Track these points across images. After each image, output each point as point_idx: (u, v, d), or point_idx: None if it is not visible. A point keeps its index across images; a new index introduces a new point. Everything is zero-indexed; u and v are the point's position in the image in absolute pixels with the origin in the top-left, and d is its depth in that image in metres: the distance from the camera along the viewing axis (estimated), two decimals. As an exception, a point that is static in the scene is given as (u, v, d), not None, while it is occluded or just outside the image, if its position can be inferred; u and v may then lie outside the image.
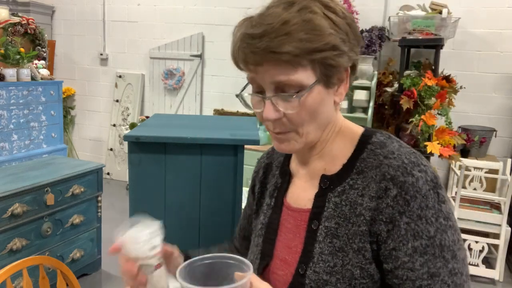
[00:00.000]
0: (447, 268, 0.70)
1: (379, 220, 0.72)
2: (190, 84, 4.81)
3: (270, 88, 0.73)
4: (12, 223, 2.35)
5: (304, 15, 0.69)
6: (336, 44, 0.71)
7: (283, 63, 0.70)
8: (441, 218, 0.70)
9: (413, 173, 0.71)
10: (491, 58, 3.71)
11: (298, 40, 0.68)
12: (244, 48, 0.72)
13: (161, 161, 1.37)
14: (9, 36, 3.92)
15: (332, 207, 0.78)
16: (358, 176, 0.76)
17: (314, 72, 0.72)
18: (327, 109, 0.77)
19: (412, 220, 0.70)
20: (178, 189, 1.38)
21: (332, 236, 0.76)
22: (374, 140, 0.78)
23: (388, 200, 0.71)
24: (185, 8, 4.76)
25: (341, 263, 0.74)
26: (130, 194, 1.40)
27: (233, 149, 1.36)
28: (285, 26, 0.68)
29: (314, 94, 0.73)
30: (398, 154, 0.74)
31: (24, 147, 3.93)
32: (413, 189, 0.70)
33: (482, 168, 3.40)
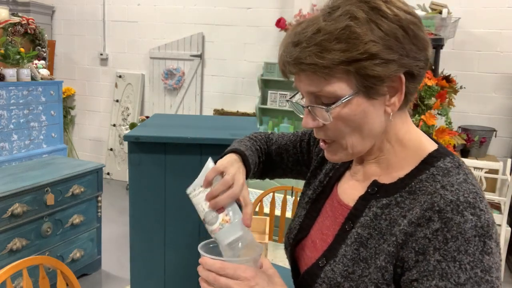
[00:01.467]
0: None
1: (411, 247, 0.67)
2: (190, 84, 4.81)
3: (307, 97, 0.72)
4: (12, 223, 2.35)
5: (341, 23, 0.65)
6: (376, 53, 0.65)
7: (312, 74, 0.68)
8: (478, 269, 0.63)
9: (464, 213, 0.64)
10: (491, 58, 3.71)
11: (329, 51, 0.65)
12: (282, 56, 0.71)
13: (161, 161, 1.37)
14: (9, 36, 3.92)
15: (371, 217, 0.75)
16: (408, 195, 0.72)
17: (350, 83, 0.67)
18: (374, 120, 0.71)
19: (444, 259, 0.64)
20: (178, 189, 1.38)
21: (360, 244, 0.74)
22: (441, 165, 0.72)
23: (427, 232, 0.66)
24: (185, 8, 4.76)
25: (360, 272, 0.72)
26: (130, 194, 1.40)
27: (233, 149, 1.36)
28: (316, 36, 0.66)
29: (353, 106, 0.69)
30: (457, 188, 0.67)
31: (24, 147, 3.93)
32: (457, 229, 0.64)
33: (482, 168, 3.40)
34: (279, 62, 0.74)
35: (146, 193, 1.39)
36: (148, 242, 1.42)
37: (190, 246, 1.40)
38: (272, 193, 2.43)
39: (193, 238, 1.40)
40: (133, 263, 1.44)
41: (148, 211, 1.39)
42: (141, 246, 1.42)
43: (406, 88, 0.70)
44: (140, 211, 1.39)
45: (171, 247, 1.42)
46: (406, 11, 0.68)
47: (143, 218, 1.40)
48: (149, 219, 1.40)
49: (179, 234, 1.41)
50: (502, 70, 3.69)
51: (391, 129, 0.75)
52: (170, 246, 1.42)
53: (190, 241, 1.40)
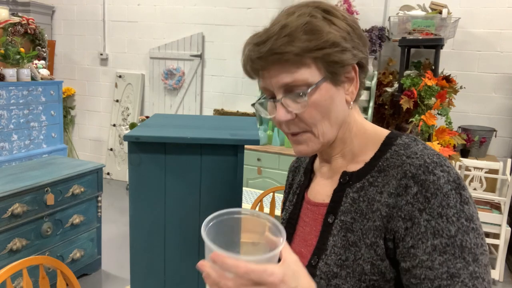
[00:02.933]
0: (467, 270, 0.67)
1: (397, 216, 0.71)
2: (190, 84, 4.81)
3: (279, 91, 0.76)
4: (12, 223, 2.35)
5: (302, 19, 0.73)
6: (336, 41, 0.73)
7: (286, 63, 0.73)
8: (462, 218, 0.69)
9: (435, 172, 0.71)
10: (491, 58, 3.71)
11: (298, 40, 0.72)
12: (251, 55, 0.76)
13: (161, 161, 1.37)
14: (9, 36, 3.92)
15: (350, 202, 0.79)
16: (379, 174, 0.78)
17: (318, 70, 0.74)
18: (339, 107, 0.78)
19: (432, 217, 0.69)
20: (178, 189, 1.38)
21: (346, 230, 0.77)
22: (399, 141, 0.80)
23: (408, 198, 0.71)
24: (185, 8, 4.76)
25: (353, 257, 0.75)
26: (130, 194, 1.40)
27: (233, 149, 1.36)
28: (285, 29, 0.72)
29: (323, 92, 0.75)
30: (421, 155, 0.74)
31: (24, 147, 3.93)
32: (434, 186, 0.69)
33: (482, 168, 3.40)
34: (245, 65, 0.79)
35: (146, 193, 1.38)
36: (148, 242, 1.42)
37: (190, 246, 1.40)
38: (272, 193, 2.43)
39: (193, 238, 1.40)
40: (133, 263, 1.44)
41: (148, 211, 1.39)
42: (141, 246, 1.42)
43: (359, 78, 0.79)
44: (140, 211, 1.39)
45: (171, 247, 1.42)
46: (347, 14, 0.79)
47: (143, 218, 1.40)
48: (149, 219, 1.40)
49: (179, 234, 1.41)
50: (502, 70, 3.69)
51: (351, 119, 0.82)
52: (170, 246, 1.42)
53: (190, 241, 1.40)
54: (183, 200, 1.39)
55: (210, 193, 1.38)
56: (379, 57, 4.00)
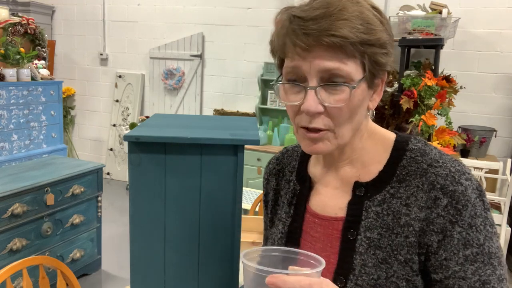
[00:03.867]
0: (495, 275, 0.69)
1: (430, 231, 0.70)
2: (190, 84, 4.81)
3: (315, 77, 0.68)
4: (12, 223, 2.35)
5: (359, 7, 0.68)
6: (385, 42, 0.70)
7: (337, 48, 0.66)
8: (487, 225, 0.70)
9: (461, 181, 0.70)
10: (491, 58, 3.71)
11: (355, 28, 0.66)
12: (295, 29, 0.67)
13: (161, 161, 1.37)
14: (9, 36, 3.92)
15: (373, 217, 0.74)
16: (399, 184, 0.74)
17: (362, 67, 0.69)
18: (362, 112, 0.74)
19: (464, 229, 0.69)
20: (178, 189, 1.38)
21: (375, 247, 0.73)
22: (412, 147, 0.76)
23: (439, 210, 0.70)
24: (185, 8, 4.76)
25: (385, 275, 0.72)
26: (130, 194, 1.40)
27: (233, 149, 1.36)
28: (344, 12, 0.66)
29: (359, 91, 0.69)
30: (443, 163, 0.72)
31: (24, 147, 3.93)
32: (463, 198, 0.69)
33: (482, 168, 3.40)
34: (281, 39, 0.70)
35: (146, 193, 1.39)
36: (148, 242, 1.42)
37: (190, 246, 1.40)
38: (272, 193, 2.42)
39: (193, 238, 1.40)
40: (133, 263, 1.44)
41: (148, 211, 1.39)
42: (141, 246, 1.42)
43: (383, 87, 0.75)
44: (140, 211, 1.39)
45: (171, 247, 1.42)
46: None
47: (143, 218, 1.40)
48: (149, 219, 1.40)
49: (179, 234, 1.41)
50: (502, 70, 3.69)
51: (366, 124, 0.78)
52: (170, 246, 1.42)
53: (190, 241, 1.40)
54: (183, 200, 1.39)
55: (210, 193, 1.38)
56: (379, 57, 3.99)
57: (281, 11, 0.72)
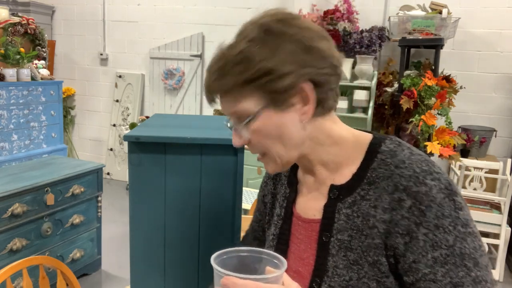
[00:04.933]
0: (470, 277, 0.67)
1: (395, 232, 0.70)
2: (190, 84, 4.81)
3: (231, 118, 0.78)
4: (12, 223, 2.35)
5: (238, 48, 0.72)
6: (271, 68, 0.70)
7: (226, 95, 0.75)
8: (459, 226, 0.68)
9: (426, 182, 0.69)
10: (491, 58, 3.71)
11: (230, 74, 0.72)
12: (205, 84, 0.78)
13: (161, 161, 1.37)
14: (9, 36, 3.92)
15: (344, 219, 0.76)
16: (369, 186, 0.75)
17: (259, 98, 0.73)
18: (291, 130, 0.75)
19: (429, 230, 0.68)
20: (178, 189, 1.38)
21: (346, 249, 0.75)
22: (384, 148, 0.76)
23: (403, 212, 0.70)
24: (185, 8, 4.76)
25: (356, 276, 0.73)
26: (130, 194, 1.40)
27: (233, 149, 1.36)
28: (219, 62, 0.74)
29: (264, 120, 0.74)
30: (409, 163, 0.72)
31: (24, 147, 3.93)
32: (427, 198, 0.68)
33: (482, 168, 3.40)
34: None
35: (146, 193, 1.39)
36: (148, 242, 1.42)
37: (190, 246, 1.40)
38: (272, 193, 2.42)
39: (193, 238, 1.40)
40: (133, 263, 1.44)
41: (148, 211, 1.39)
42: (141, 246, 1.42)
43: (317, 95, 0.74)
44: (140, 211, 1.39)
45: (171, 247, 1.42)
46: (301, 27, 0.74)
47: (143, 218, 1.40)
48: (149, 219, 1.40)
49: (179, 234, 1.41)
50: (502, 70, 3.69)
51: (323, 133, 0.78)
52: (170, 246, 1.42)
53: (190, 241, 1.40)
54: (183, 200, 1.39)
55: (210, 193, 1.38)
56: (379, 57, 4.00)
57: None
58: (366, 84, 3.76)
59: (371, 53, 3.78)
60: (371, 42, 3.76)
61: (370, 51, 3.77)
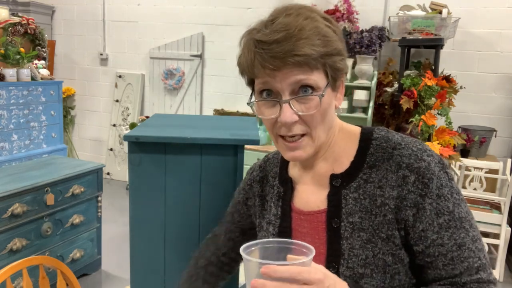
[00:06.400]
0: (469, 237, 0.76)
1: (403, 206, 0.77)
2: (190, 84, 4.81)
3: (287, 90, 0.76)
4: (12, 223, 2.35)
5: (314, 23, 0.75)
6: (341, 50, 0.78)
7: (302, 65, 0.74)
8: (454, 193, 0.78)
9: (424, 158, 0.77)
10: (491, 58, 3.71)
11: (315, 45, 0.74)
12: (261, 53, 0.74)
13: (161, 161, 1.37)
14: (9, 36, 3.92)
15: (352, 203, 0.81)
16: (370, 170, 0.81)
17: (325, 74, 0.77)
18: (332, 112, 0.81)
19: (433, 200, 0.76)
20: (178, 189, 1.38)
21: (358, 230, 0.80)
22: (376, 135, 0.83)
23: (409, 187, 0.77)
24: (185, 8, 4.76)
25: (372, 254, 0.78)
26: (130, 194, 1.40)
27: (233, 149, 1.36)
28: (303, 32, 0.73)
29: (326, 96, 0.78)
30: (405, 144, 0.80)
31: (24, 147, 3.93)
32: (428, 172, 0.76)
33: (482, 168, 3.40)
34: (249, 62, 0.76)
35: (146, 193, 1.39)
36: (148, 242, 1.42)
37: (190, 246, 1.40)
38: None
39: (193, 238, 1.40)
40: (133, 263, 1.44)
41: (148, 211, 1.39)
42: (141, 246, 1.43)
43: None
44: (140, 211, 1.39)
45: (171, 247, 1.42)
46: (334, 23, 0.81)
47: (143, 218, 1.40)
48: (149, 219, 1.40)
49: (179, 234, 1.41)
50: (502, 70, 3.69)
51: (336, 121, 0.86)
52: (170, 246, 1.42)
53: (190, 241, 1.40)
54: (183, 200, 1.39)
55: (210, 193, 1.38)
56: (379, 57, 4.00)
57: (244, 35, 0.80)
58: (366, 84, 3.76)
59: (371, 53, 3.78)
60: (371, 42, 3.76)
61: (370, 51, 3.77)
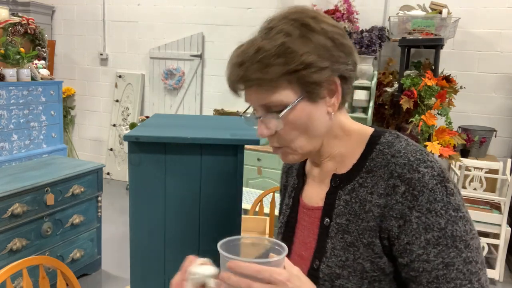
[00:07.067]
0: (461, 258, 0.72)
1: (389, 216, 0.75)
2: (190, 84, 4.81)
3: (259, 109, 0.79)
4: (12, 223, 2.35)
5: (277, 40, 0.73)
6: (311, 62, 0.74)
7: (261, 87, 0.75)
8: (450, 210, 0.73)
9: (419, 169, 0.74)
10: (491, 58, 3.71)
11: (271, 65, 0.73)
12: (229, 76, 0.78)
13: (161, 161, 1.37)
14: (9, 36, 3.92)
15: (343, 204, 0.82)
16: (367, 175, 0.80)
17: (294, 90, 0.76)
18: (320, 121, 0.80)
19: (422, 213, 0.72)
20: (178, 189, 1.38)
21: (343, 232, 0.80)
22: (383, 140, 0.82)
23: (397, 197, 0.74)
24: (185, 8, 4.76)
25: (352, 257, 0.78)
26: (130, 194, 1.40)
27: (233, 149, 1.36)
28: (257, 54, 0.74)
29: (298, 111, 0.77)
30: (405, 153, 0.77)
31: (24, 147, 3.93)
32: (419, 184, 0.73)
33: (482, 168, 3.40)
34: (228, 82, 0.80)
35: (146, 193, 1.39)
36: (148, 242, 1.42)
37: (190, 246, 1.40)
38: (272, 193, 2.43)
39: (193, 237, 1.40)
40: (133, 263, 1.44)
41: (148, 211, 1.39)
42: (141, 246, 1.43)
43: (342, 89, 0.80)
44: (140, 211, 1.39)
45: (171, 247, 1.42)
46: (330, 24, 0.78)
47: (143, 218, 1.40)
48: (149, 219, 1.40)
49: (179, 234, 1.41)
50: (502, 70, 3.69)
51: (337, 125, 0.84)
52: (170, 246, 1.42)
53: (190, 241, 1.41)
54: (183, 200, 1.39)
55: (210, 193, 1.38)
56: (379, 57, 4.00)
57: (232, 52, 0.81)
58: (366, 84, 3.76)
59: (371, 53, 3.78)
60: (371, 42, 3.76)
61: (370, 51, 3.77)
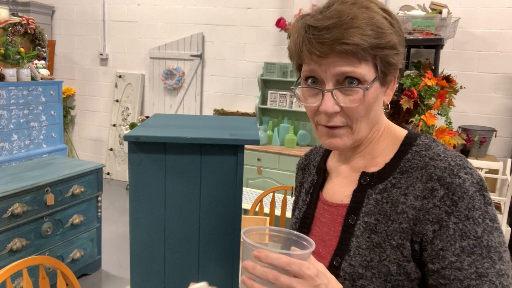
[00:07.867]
0: (494, 269, 0.69)
1: (424, 219, 0.72)
2: (190, 84, 4.81)
3: (331, 80, 0.74)
4: (12, 223, 2.35)
5: (369, 13, 0.72)
6: (395, 44, 0.75)
7: (349, 55, 0.72)
8: (487, 219, 0.71)
9: (460, 175, 0.72)
10: (491, 58, 3.71)
11: (366, 35, 0.71)
12: (310, 39, 0.73)
13: (161, 161, 1.37)
14: (9, 36, 3.92)
15: (373, 203, 0.79)
16: (401, 175, 0.78)
17: (374, 68, 0.74)
18: (378, 107, 0.79)
19: (460, 220, 0.70)
20: (178, 189, 1.38)
21: (370, 231, 0.77)
22: (419, 142, 0.80)
23: (435, 201, 0.72)
24: (185, 8, 4.76)
25: (378, 258, 0.75)
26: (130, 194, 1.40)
27: (233, 149, 1.36)
28: (354, 20, 0.71)
29: (372, 90, 0.75)
30: (444, 156, 0.74)
31: (24, 147, 3.93)
32: (460, 190, 0.71)
33: (482, 168, 3.40)
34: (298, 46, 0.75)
35: (146, 193, 1.39)
36: (148, 242, 1.42)
37: (190, 246, 1.40)
38: (272, 193, 2.43)
39: (193, 238, 1.40)
40: (133, 263, 1.44)
41: (148, 211, 1.39)
42: (141, 246, 1.43)
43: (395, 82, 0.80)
44: (140, 211, 1.39)
45: (171, 247, 1.42)
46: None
47: (143, 218, 1.40)
48: (149, 219, 1.40)
49: (179, 234, 1.41)
50: (502, 70, 3.69)
51: (383, 119, 0.83)
52: (170, 246, 1.42)
53: (190, 241, 1.40)
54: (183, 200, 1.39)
55: (210, 193, 1.38)
56: (379, 57, 3.99)
57: (297, 19, 0.77)
58: (366, 84, 3.75)
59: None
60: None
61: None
